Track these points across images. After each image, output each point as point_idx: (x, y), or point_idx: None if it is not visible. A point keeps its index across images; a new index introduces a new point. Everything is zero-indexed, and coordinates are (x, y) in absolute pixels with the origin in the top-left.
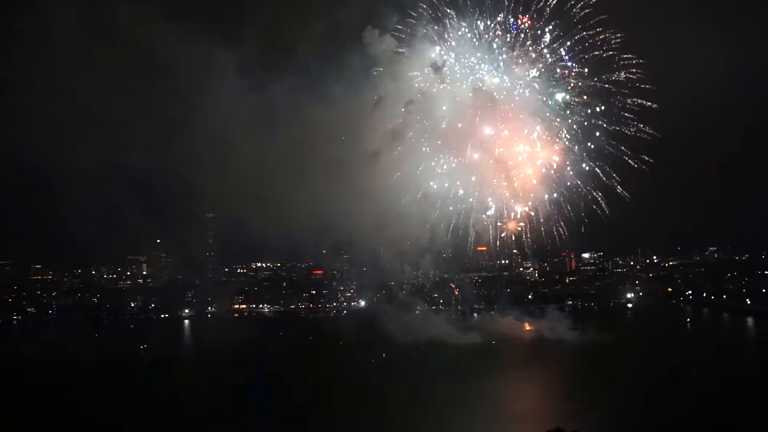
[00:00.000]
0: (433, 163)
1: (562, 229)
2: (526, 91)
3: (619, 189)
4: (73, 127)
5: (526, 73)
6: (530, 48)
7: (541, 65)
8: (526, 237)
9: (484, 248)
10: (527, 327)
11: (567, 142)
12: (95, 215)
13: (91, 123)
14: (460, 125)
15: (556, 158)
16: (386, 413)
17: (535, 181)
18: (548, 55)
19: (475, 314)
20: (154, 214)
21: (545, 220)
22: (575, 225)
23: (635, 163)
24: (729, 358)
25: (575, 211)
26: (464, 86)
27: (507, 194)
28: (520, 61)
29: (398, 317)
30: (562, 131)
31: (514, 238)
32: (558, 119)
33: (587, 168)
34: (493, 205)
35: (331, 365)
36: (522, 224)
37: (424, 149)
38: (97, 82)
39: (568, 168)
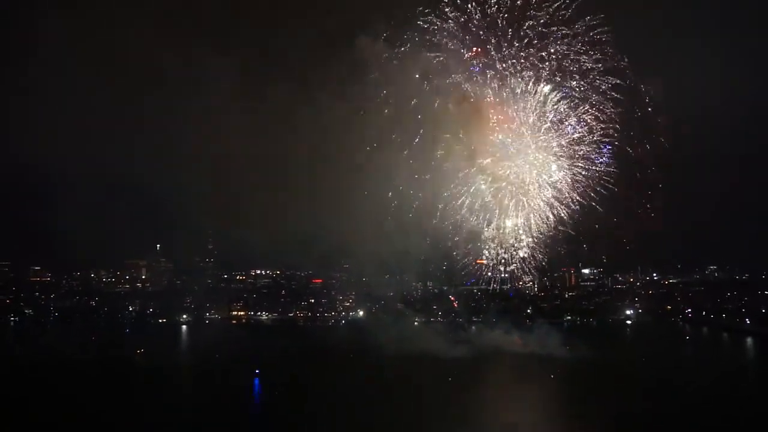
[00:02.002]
0: (426, 175)
1: (562, 245)
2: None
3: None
4: (74, 133)
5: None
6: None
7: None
8: (526, 252)
9: (483, 261)
10: (519, 341)
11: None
12: (95, 219)
13: (90, 130)
14: (450, 135)
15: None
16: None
17: (533, 194)
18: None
19: (473, 327)
20: (153, 220)
21: (545, 236)
22: (575, 242)
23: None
24: (731, 384)
25: (575, 229)
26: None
27: (503, 208)
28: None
29: (393, 329)
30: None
31: (512, 252)
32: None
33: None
34: (492, 219)
35: (321, 377)
36: (520, 239)
37: (411, 161)
38: (96, 90)
39: (568, 188)
